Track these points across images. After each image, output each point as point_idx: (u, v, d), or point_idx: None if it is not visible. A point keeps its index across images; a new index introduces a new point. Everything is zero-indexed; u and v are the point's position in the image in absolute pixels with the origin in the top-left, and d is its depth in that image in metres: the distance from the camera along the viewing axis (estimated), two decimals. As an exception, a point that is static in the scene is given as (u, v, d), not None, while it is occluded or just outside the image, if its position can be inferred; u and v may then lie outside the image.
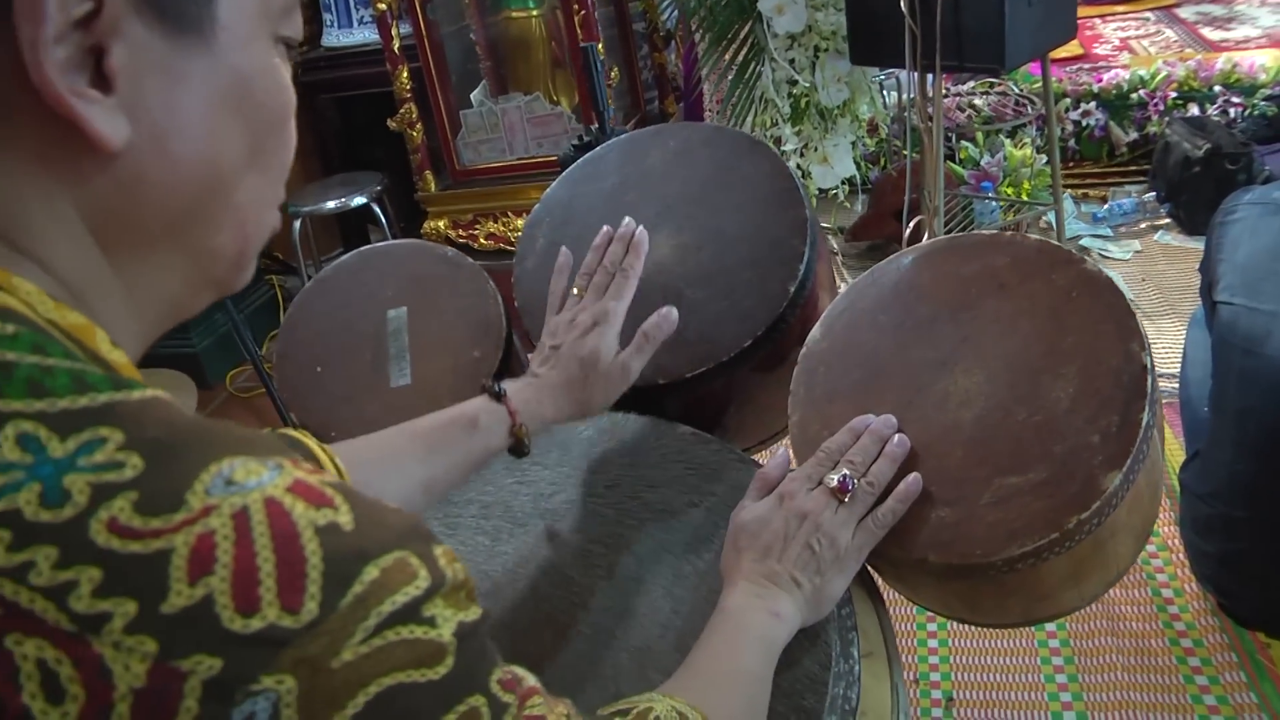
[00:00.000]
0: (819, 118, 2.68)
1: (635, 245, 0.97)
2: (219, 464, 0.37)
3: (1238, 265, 1.51)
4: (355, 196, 3.02)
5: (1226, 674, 1.56)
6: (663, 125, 1.22)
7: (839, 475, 0.80)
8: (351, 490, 0.40)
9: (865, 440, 0.83)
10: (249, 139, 0.47)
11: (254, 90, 0.46)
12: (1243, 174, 2.83)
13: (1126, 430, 0.78)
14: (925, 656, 1.71)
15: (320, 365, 1.09)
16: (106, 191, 0.43)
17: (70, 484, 0.35)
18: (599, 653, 0.81)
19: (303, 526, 0.37)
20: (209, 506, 0.36)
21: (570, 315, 0.95)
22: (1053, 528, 0.77)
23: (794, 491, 0.81)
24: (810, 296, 1.01)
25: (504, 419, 0.87)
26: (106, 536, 0.34)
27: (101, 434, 0.36)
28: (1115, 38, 4.07)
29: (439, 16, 2.97)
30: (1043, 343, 0.85)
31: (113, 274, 0.45)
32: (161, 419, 0.38)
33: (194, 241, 0.47)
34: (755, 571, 0.77)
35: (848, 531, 0.79)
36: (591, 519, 0.92)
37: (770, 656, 0.73)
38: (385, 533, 0.39)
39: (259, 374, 2.66)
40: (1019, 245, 0.91)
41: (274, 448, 0.40)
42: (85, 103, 0.40)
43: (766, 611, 0.74)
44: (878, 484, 0.81)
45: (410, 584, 0.38)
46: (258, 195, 0.49)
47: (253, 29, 0.46)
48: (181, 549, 0.35)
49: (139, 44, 0.41)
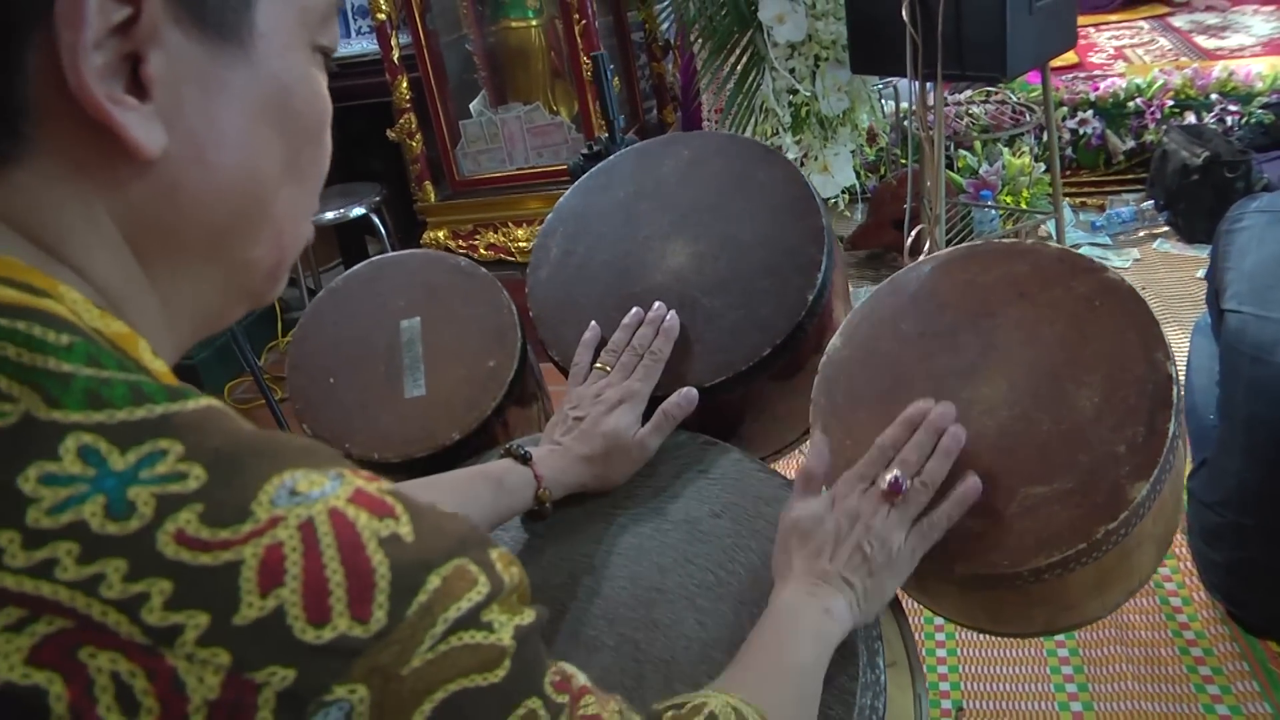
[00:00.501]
0: (819, 127, 2.69)
1: (665, 330, 0.99)
2: (281, 475, 0.37)
3: (1245, 273, 1.51)
4: (354, 207, 3.01)
5: (1238, 683, 1.56)
6: (675, 134, 1.22)
7: (891, 476, 0.79)
8: (408, 497, 0.40)
9: (920, 435, 0.81)
10: (286, 150, 0.46)
11: (292, 100, 0.46)
12: (1241, 182, 2.84)
13: (1153, 440, 0.78)
14: (934, 666, 1.71)
15: (333, 376, 1.08)
16: (143, 200, 0.42)
17: (135, 496, 0.35)
18: (624, 664, 0.80)
19: (367, 538, 0.37)
20: (275, 518, 0.36)
21: (596, 390, 0.97)
22: (1081, 538, 0.76)
23: (846, 492, 0.80)
24: (827, 305, 1.01)
25: (530, 482, 0.88)
26: (175, 548, 0.34)
27: (161, 446, 0.36)
28: (1110, 46, 4.09)
29: (438, 26, 2.97)
30: (1065, 351, 0.85)
31: (149, 285, 0.44)
32: (221, 429, 0.38)
33: (231, 253, 0.46)
34: (807, 571, 0.76)
35: (901, 534, 0.78)
36: (612, 530, 0.91)
37: (824, 652, 0.72)
38: (446, 540, 0.40)
39: (259, 385, 2.64)
40: (1039, 253, 0.91)
41: (332, 457, 0.40)
42: (122, 109, 0.39)
43: (819, 608, 0.73)
44: (931, 484, 0.79)
45: (471, 590, 0.39)
46: (294, 207, 0.49)
47: (291, 38, 0.45)
48: (251, 561, 0.35)
49: (177, 52, 0.40)
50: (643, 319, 1.01)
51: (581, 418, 0.95)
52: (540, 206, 2.90)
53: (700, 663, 0.78)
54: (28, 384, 0.35)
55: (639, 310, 1.01)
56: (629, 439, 0.93)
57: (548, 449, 0.93)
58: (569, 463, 0.92)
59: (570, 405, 0.97)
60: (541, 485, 0.89)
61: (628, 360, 0.98)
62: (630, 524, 0.91)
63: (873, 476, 0.80)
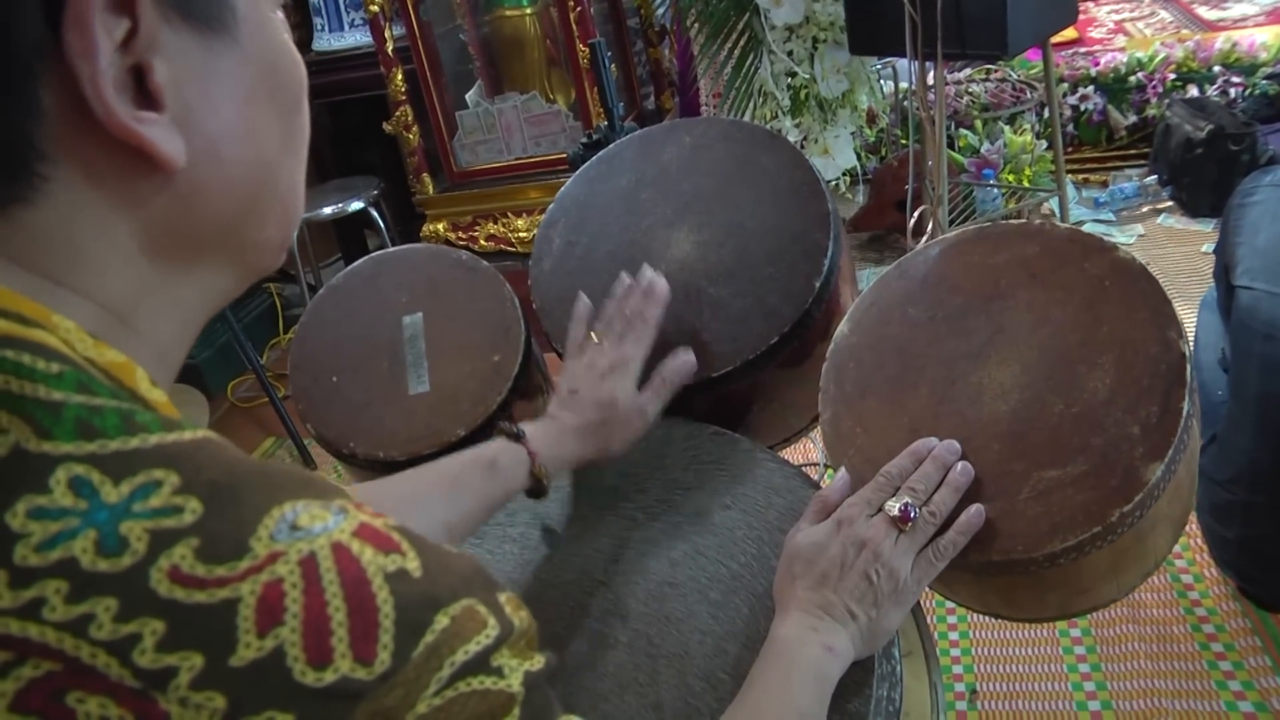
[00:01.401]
0: (819, 109, 2.67)
1: (653, 293, 0.96)
2: (281, 508, 0.35)
3: (1258, 249, 1.49)
4: (352, 201, 3.00)
5: (1251, 659, 1.55)
6: (677, 120, 1.20)
7: (900, 503, 0.77)
8: (415, 534, 0.39)
9: (927, 467, 0.80)
10: (281, 124, 0.46)
11: (278, 73, 0.46)
12: (1246, 154, 2.82)
13: (1167, 420, 0.77)
14: (947, 649, 1.70)
15: (336, 374, 1.07)
16: (164, 209, 0.41)
17: (128, 531, 0.33)
18: (638, 660, 0.79)
19: (372, 574, 0.35)
20: (275, 553, 0.34)
21: (588, 360, 0.94)
22: (1095, 521, 0.75)
23: (853, 517, 0.78)
24: (834, 291, 1.00)
25: (523, 460, 0.86)
26: (169, 586, 0.33)
27: (156, 477, 0.35)
28: (1110, 21, 4.05)
29: (431, 17, 2.95)
30: (1078, 332, 0.84)
31: (162, 288, 0.43)
32: (218, 460, 0.36)
33: (247, 238, 0.46)
34: (810, 600, 0.74)
35: (907, 562, 0.76)
36: (622, 523, 0.90)
37: (824, 692, 0.70)
38: (454, 579, 0.38)
39: (261, 383, 2.64)
40: (1049, 234, 0.90)
41: (333, 489, 0.39)
42: (148, 127, 0.38)
43: (820, 645, 0.72)
44: (939, 514, 0.78)
45: (481, 633, 0.37)
46: (294, 178, 0.48)
47: (264, 10, 0.45)
48: (249, 598, 0.33)
49: (175, 53, 0.40)
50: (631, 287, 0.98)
51: (577, 390, 0.93)
52: (539, 196, 2.89)
53: (714, 656, 0.78)
54: (18, 414, 0.34)
55: (627, 276, 0.99)
56: (626, 405, 0.90)
57: (543, 424, 0.91)
58: (564, 435, 0.89)
59: (567, 380, 0.95)
60: (536, 462, 0.86)
61: (619, 327, 0.96)
62: (640, 517, 0.90)
63: (879, 504, 0.79)
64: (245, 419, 2.99)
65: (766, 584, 0.80)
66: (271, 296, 3.37)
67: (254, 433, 2.90)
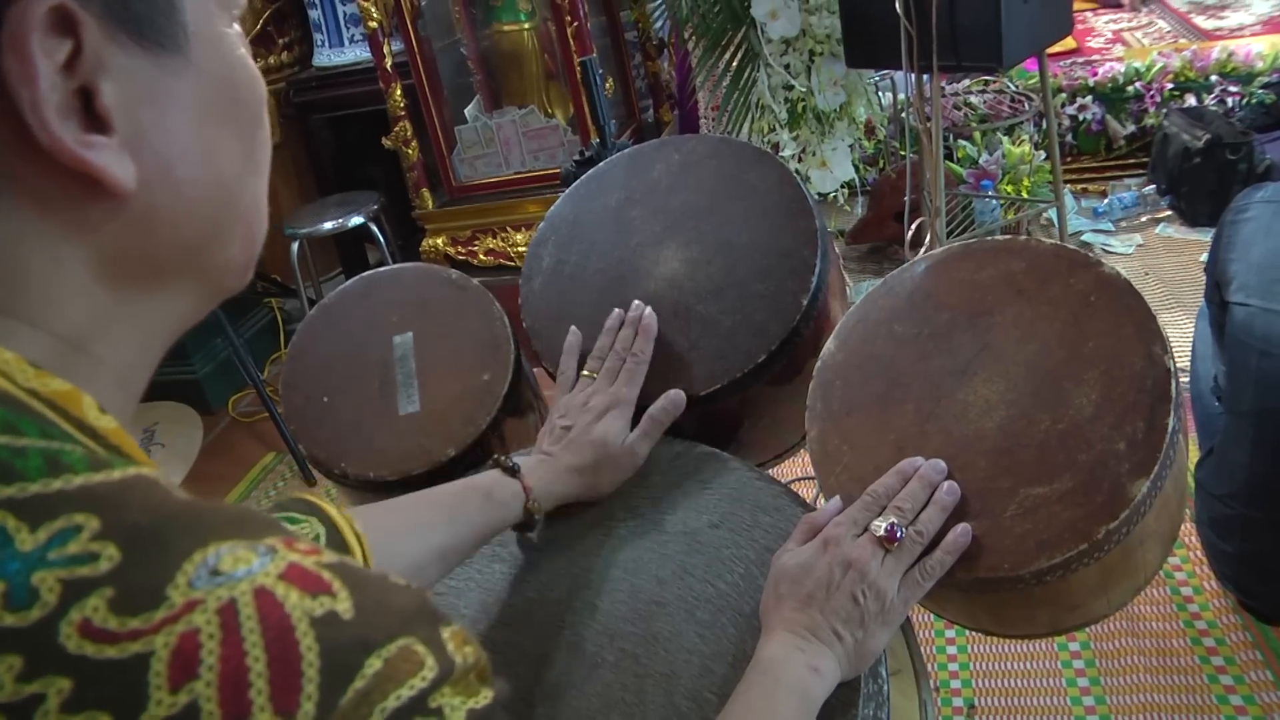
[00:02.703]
0: (816, 122, 2.67)
1: (644, 329, 0.98)
2: (204, 551, 0.33)
3: (1252, 265, 1.49)
4: (352, 216, 3.01)
5: (1252, 673, 1.55)
6: (667, 138, 1.20)
7: (886, 523, 0.77)
8: (352, 570, 0.37)
9: (914, 486, 0.80)
10: (240, 142, 0.45)
11: (235, 90, 0.44)
12: (1243, 163, 2.82)
13: (1153, 436, 0.77)
14: (945, 664, 1.69)
15: (327, 394, 1.07)
16: (117, 234, 0.41)
17: (39, 581, 0.31)
18: (624, 680, 0.79)
19: (297, 619, 0.33)
20: (192, 601, 0.32)
21: (584, 398, 0.96)
22: (1081, 538, 0.75)
23: (839, 537, 0.77)
24: (823, 307, 1.00)
25: (518, 494, 0.87)
26: (78, 641, 0.30)
27: (76, 521, 0.32)
28: (1108, 30, 4.06)
29: (430, 32, 2.96)
30: (1063, 348, 0.83)
31: (120, 313, 0.42)
32: (144, 501, 0.34)
33: (207, 260, 0.45)
34: (796, 621, 0.74)
35: (894, 582, 0.76)
36: (611, 542, 0.90)
37: (809, 713, 0.70)
38: (388, 618, 0.36)
39: (262, 398, 2.64)
40: (1035, 249, 0.90)
41: (268, 527, 0.36)
42: (95, 151, 0.38)
43: (806, 666, 0.71)
44: (926, 533, 0.77)
45: (416, 675, 0.35)
46: (255, 196, 0.47)
47: (218, 26, 0.44)
48: (161, 651, 0.31)
49: (124, 74, 0.39)
50: (624, 320, 1.00)
51: (569, 427, 0.94)
52: (538, 210, 2.89)
53: (701, 676, 0.77)
54: None
55: (619, 312, 1.00)
56: (618, 447, 0.92)
57: (536, 459, 0.92)
58: (558, 474, 0.91)
59: (559, 415, 0.96)
60: (530, 497, 0.87)
61: (612, 365, 0.97)
62: (629, 536, 0.90)
63: (865, 523, 0.78)
64: (246, 434, 2.99)
65: (754, 604, 0.80)
66: (272, 311, 3.38)
67: (254, 447, 2.90)
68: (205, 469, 2.80)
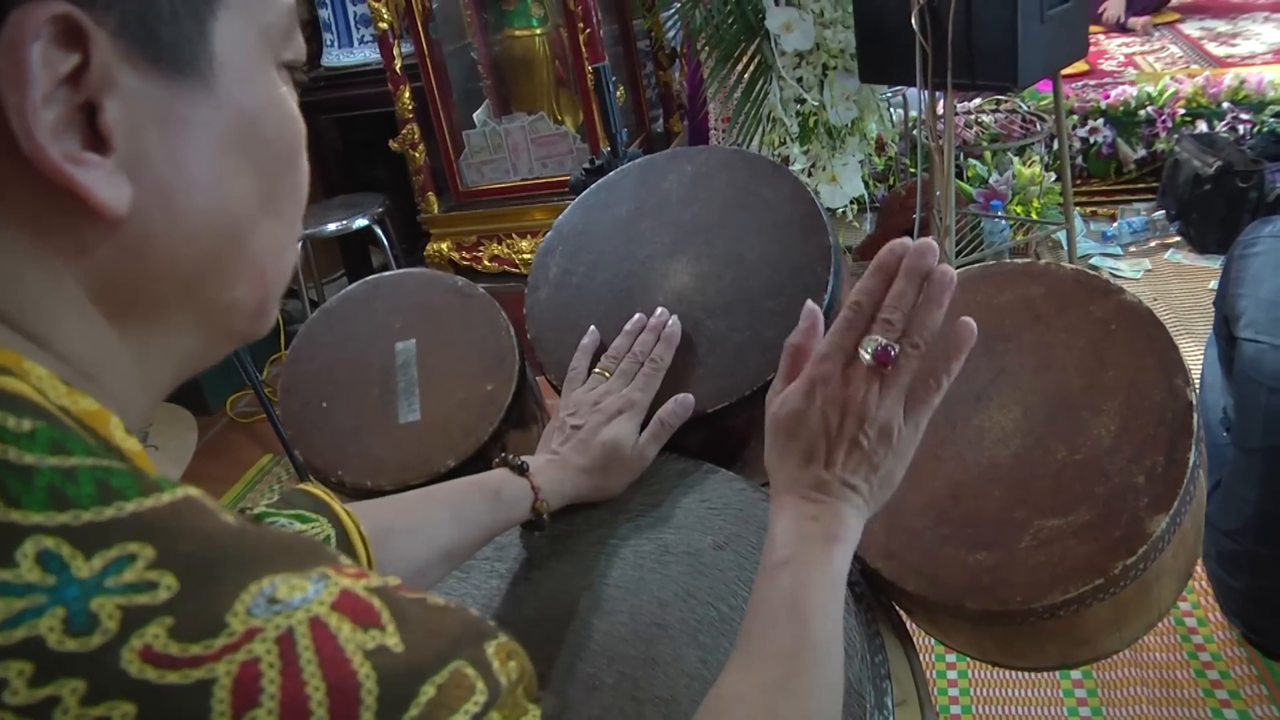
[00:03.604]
0: (827, 136, 2.66)
1: (667, 337, 0.95)
2: (260, 582, 0.33)
3: (1262, 301, 1.48)
4: (357, 218, 2.99)
5: (1257, 707, 1.52)
6: (679, 149, 1.19)
7: (875, 345, 0.64)
8: (396, 597, 0.36)
9: (899, 284, 0.66)
10: (261, 181, 0.43)
11: (262, 128, 0.43)
12: (1254, 191, 2.81)
13: (1173, 470, 0.75)
14: (945, 689, 1.67)
15: (326, 400, 1.05)
16: (112, 260, 0.39)
17: (99, 608, 0.31)
18: (623, 704, 0.77)
19: (351, 651, 0.33)
20: (252, 630, 0.32)
21: (595, 397, 0.94)
22: (1097, 573, 0.73)
23: (827, 375, 0.66)
24: (834, 326, 0.98)
25: (527, 494, 0.85)
26: (140, 666, 0.30)
27: (131, 550, 0.32)
28: (1120, 54, 4.05)
29: (441, 35, 2.95)
30: (1082, 377, 0.82)
31: (121, 346, 0.41)
32: (196, 530, 0.34)
33: (210, 298, 0.43)
34: (801, 481, 0.66)
35: (898, 410, 0.65)
36: (611, 561, 0.88)
37: (837, 591, 0.63)
38: (440, 642, 0.36)
39: (260, 399, 2.62)
40: (1054, 274, 0.88)
41: (315, 553, 0.36)
42: (84, 169, 0.36)
43: (824, 538, 0.64)
44: (924, 342, 0.65)
45: (469, 700, 0.35)
46: (274, 240, 0.45)
47: (254, 61, 0.42)
48: (224, 679, 0.31)
49: (133, 94, 0.37)
50: (645, 325, 0.98)
51: (579, 426, 0.92)
52: (545, 218, 2.88)
53: (702, 701, 0.75)
54: None
55: (641, 316, 0.98)
56: (628, 450, 0.90)
57: (545, 459, 0.90)
58: (567, 474, 0.89)
59: (568, 412, 0.94)
60: (539, 497, 0.86)
61: (628, 367, 0.95)
62: (631, 556, 0.88)
63: (851, 347, 0.66)
64: (243, 434, 2.97)
65: (758, 629, 0.78)
66: (274, 311, 3.36)
67: (251, 448, 2.88)
68: (201, 469, 2.78)
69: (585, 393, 0.95)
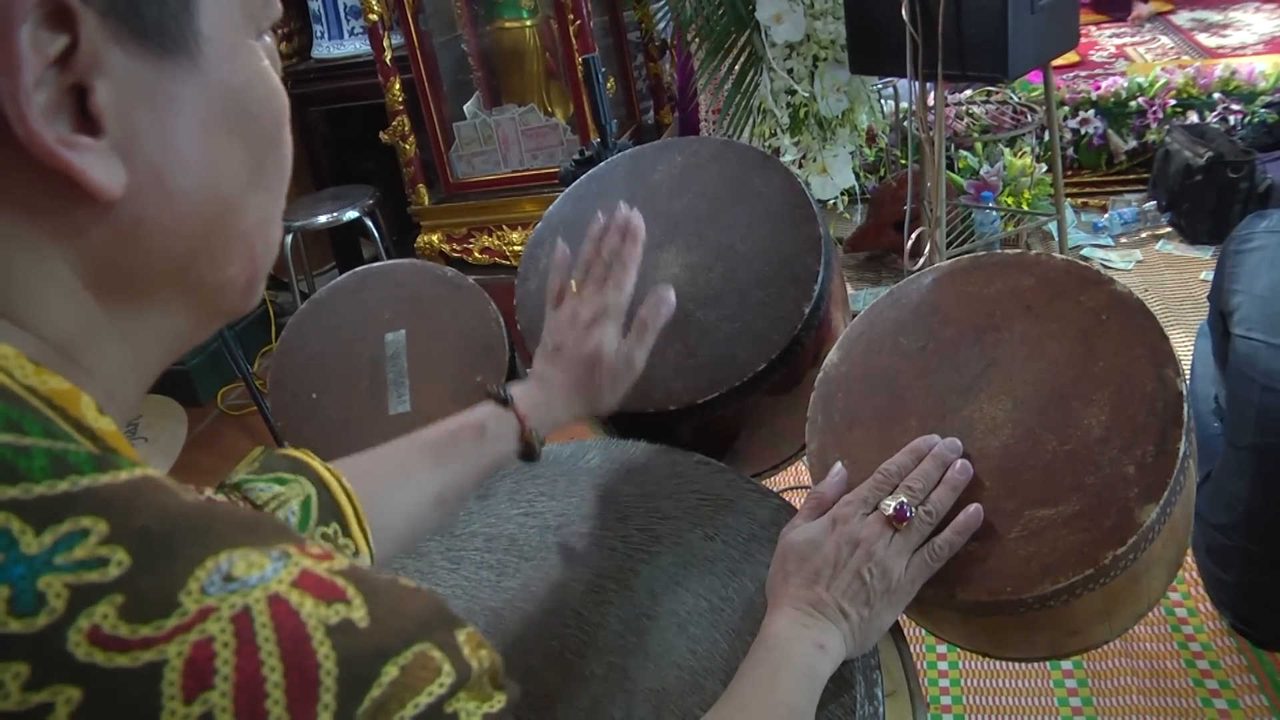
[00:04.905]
0: (818, 128, 2.65)
1: (632, 233, 0.91)
2: (216, 558, 0.32)
3: (1257, 297, 1.47)
4: (347, 210, 2.98)
5: (1246, 697, 1.53)
6: (669, 139, 1.18)
7: (896, 502, 0.76)
8: (364, 575, 0.36)
9: (926, 464, 0.78)
10: (249, 157, 0.43)
11: (248, 103, 0.42)
12: (1245, 182, 2.81)
13: (1163, 461, 0.75)
14: (936, 679, 1.68)
15: (316, 392, 1.05)
16: (104, 241, 0.39)
17: (46, 586, 0.30)
18: (613, 695, 0.77)
19: (313, 627, 0.32)
20: (206, 609, 0.31)
21: (570, 312, 0.91)
22: (1087, 564, 0.73)
23: (848, 515, 0.77)
24: (825, 316, 0.98)
25: (513, 425, 0.84)
26: (88, 649, 0.29)
27: (84, 524, 0.31)
28: (1111, 45, 4.05)
29: (431, 27, 2.93)
30: (1072, 367, 0.81)
31: (110, 325, 0.41)
32: (153, 505, 0.33)
33: (202, 277, 0.43)
34: (802, 598, 0.73)
35: (902, 562, 0.75)
36: (601, 552, 0.88)
37: (814, 690, 0.70)
38: (405, 623, 0.35)
39: (251, 391, 2.62)
40: (1045, 265, 0.88)
41: (279, 532, 0.35)
42: (78, 152, 0.36)
43: (811, 643, 0.71)
44: (936, 513, 0.76)
45: (434, 681, 0.34)
46: (263, 215, 0.45)
47: (237, 35, 0.42)
48: (175, 660, 0.30)
49: (122, 74, 0.37)
50: (608, 227, 0.94)
51: (560, 345, 0.89)
52: (535, 209, 2.87)
53: (691, 692, 0.75)
54: None
55: (603, 219, 0.94)
56: (612, 357, 0.88)
57: (530, 385, 0.88)
58: (553, 394, 0.87)
59: (550, 333, 0.91)
60: (526, 426, 0.84)
61: (598, 273, 0.92)
62: (620, 546, 0.88)
63: (876, 502, 0.77)
64: (234, 427, 2.96)
65: (748, 620, 0.78)
66: (265, 303, 3.35)
67: (242, 441, 2.87)
68: (192, 461, 2.77)
69: (561, 310, 0.92)
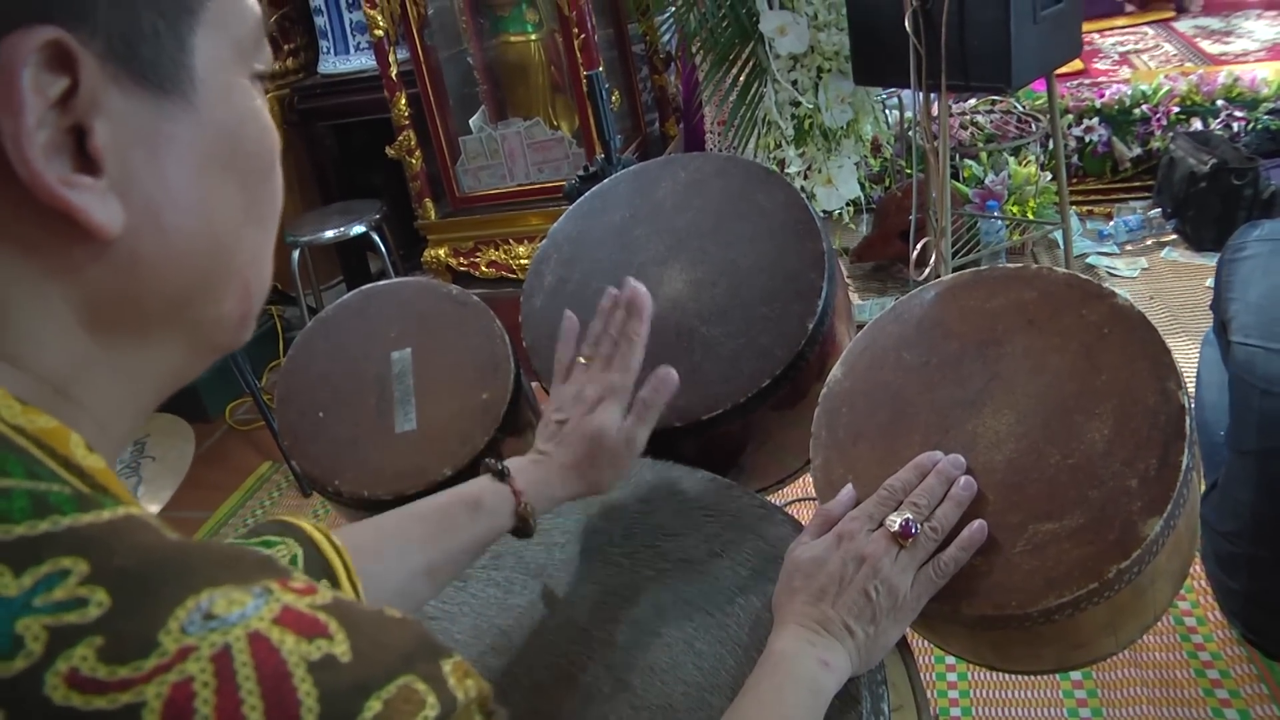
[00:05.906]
0: (823, 139, 2.66)
1: (637, 309, 0.89)
2: (197, 597, 0.32)
3: (1251, 305, 1.48)
4: (354, 225, 2.99)
5: (1257, 707, 1.52)
6: (673, 155, 1.19)
7: (901, 518, 0.76)
8: (347, 608, 0.35)
9: (931, 481, 0.79)
10: (242, 194, 0.44)
11: (242, 141, 0.43)
12: (1249, 189, 2.81)
13: (1166, 474, 0.75)
14: (945, 691, 1.67)
15: (322, 410, 1.05)
16: (100, 278, 0.39)
17: (24, 629, 0.30)
18: (620, 711, 0.77)
19: (294, 664, 0.32)
20: (186, 648, 0.31)
21: (577, 389, 0.90)
22: (1092, 577, 0.73)
23: (853, 532, 0.77)
24: (829, 331, 0.98)
25: (509, 499, 0.82)
26: (65, 692, 0.29)
27: (64, 565, 0.31)
28: (1115, 52, 4.05)
29: (436, 41, 2.95)
30: (1075, 381, 0.82)
31: (105, 360, 0.41)
32: (134, 544, 0.33)
33: (196, 314, 0.44)
34: (808, 615, 0.74)
35: (907, 579, 0.75)
36: (608, 569, 0.88)
37: (819, 707, 0.70)
38: (388, 656, 0.35)
39: (259, 406, 2.62)
40: (1047, 279, 0.88)
41: (261, 568, 0.35)
42: (77, 192, 0.36)
43: (816, 660, 0.71)
44: (941, 529, 0.77)
45: (417, 715, 0.34)
46: (256, 251, 0.46)
47: (230, 75, 0.42)
48: (154, 702, 0.30)
49: (120, 115, 0.38)
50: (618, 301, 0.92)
51: (564, 421, 0.88)
52: (541, 223, 2.88)
53: (698, 709, 0.76)
54: None
55: (613, 291, 0.92)
56: (615, 438, 0.86)
57: (530, 460, 0.87)
58: (553, 473, 0.85)
59: (554, 409, 0.90)
60: (521, 501, 0.82)
61: (606, 350, 0.90)
62: (626, 563, 0.88)
63: (881, 518, 0.78)
64: (242, 442, 2.97)
65: (754, 636, 0.79)
66: (272, 318, 3.36)
67: (250, 456, 2.88)
68: (200, 477, 2.78)
69: (567, 386, 0.91)
